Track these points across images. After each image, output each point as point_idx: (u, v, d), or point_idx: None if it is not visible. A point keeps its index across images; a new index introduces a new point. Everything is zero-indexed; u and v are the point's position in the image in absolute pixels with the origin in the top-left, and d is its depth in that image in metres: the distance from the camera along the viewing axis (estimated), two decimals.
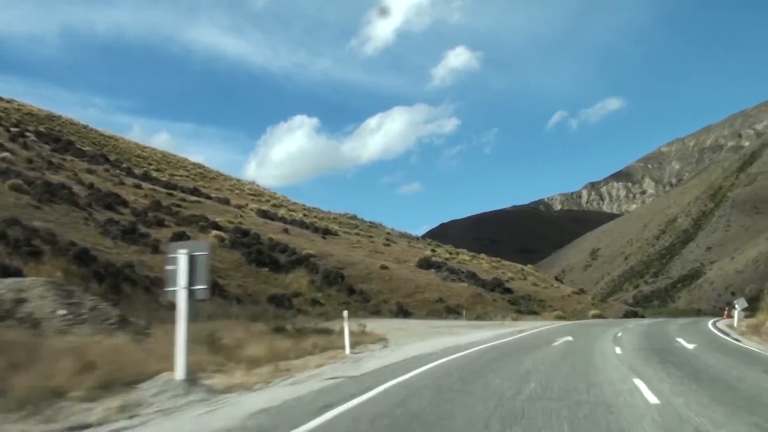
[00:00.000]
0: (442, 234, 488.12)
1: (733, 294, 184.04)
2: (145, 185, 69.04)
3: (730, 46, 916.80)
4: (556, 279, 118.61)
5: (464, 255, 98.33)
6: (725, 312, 54.27)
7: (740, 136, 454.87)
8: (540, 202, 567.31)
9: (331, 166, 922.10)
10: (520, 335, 28.27)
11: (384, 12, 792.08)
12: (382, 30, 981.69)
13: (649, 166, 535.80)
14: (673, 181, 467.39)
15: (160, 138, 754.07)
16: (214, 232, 53.71)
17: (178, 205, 63.39)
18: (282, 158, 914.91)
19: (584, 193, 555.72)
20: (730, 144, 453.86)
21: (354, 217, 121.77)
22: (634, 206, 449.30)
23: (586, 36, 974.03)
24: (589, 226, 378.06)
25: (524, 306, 69.36)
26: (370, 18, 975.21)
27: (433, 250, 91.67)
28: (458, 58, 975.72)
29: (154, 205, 56.31)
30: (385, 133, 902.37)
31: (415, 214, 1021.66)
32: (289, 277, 53.42)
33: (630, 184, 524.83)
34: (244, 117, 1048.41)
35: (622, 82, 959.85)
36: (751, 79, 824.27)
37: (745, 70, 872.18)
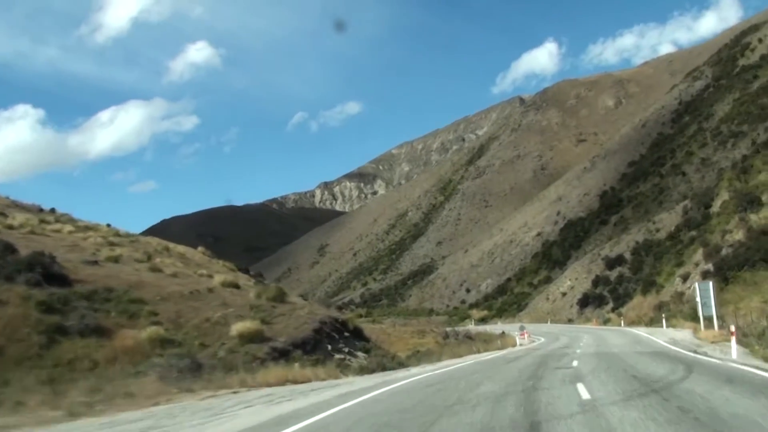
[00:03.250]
0: (162, 230, 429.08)
1: (468, 291, 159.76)
2: None
3: (453, 57, 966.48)
4: (252, 274, 76.12)
5: (71, 226, 52.59)
6: None
7: (464, 140, 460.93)
8: (274, 200, 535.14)
9: (57, 161, 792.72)
10: None
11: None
12: (115, 17, 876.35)
13: (381, 167, 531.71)
14: (403, 181, 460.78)
15: None
16: None
17: None
18: None
19: (318, 192, 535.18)
20: (455, 147, 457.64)
21: None
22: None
23: (326, 41, 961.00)
24: (320, 223, 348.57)
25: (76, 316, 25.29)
26: (101, 4, 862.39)
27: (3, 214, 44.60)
28: (200, 53, 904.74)
29: None
30: (117, 128, 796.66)
31: (148, 214, 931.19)
32: None
33: (362, 185, 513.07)
34: None
35: (361, 87, 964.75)
36: (473, 88, 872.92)
37: (467, 80, 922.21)
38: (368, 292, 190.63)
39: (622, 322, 55.25)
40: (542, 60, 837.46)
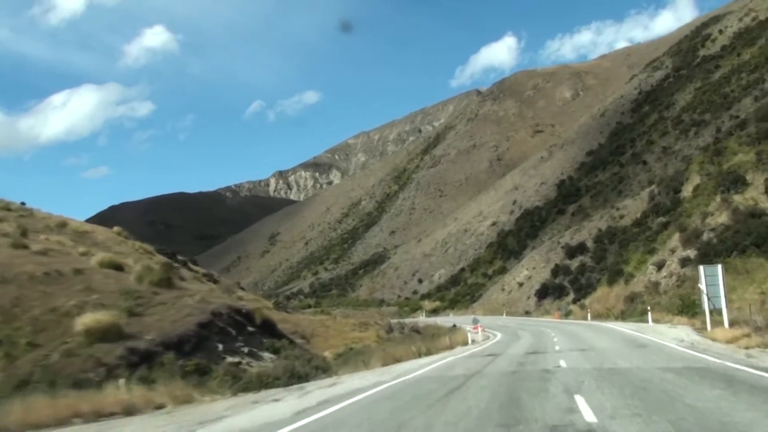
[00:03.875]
0: (111, 217, 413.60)
1: (420, 281, 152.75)
2: None
3: (413, 49, 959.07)
4: (181, 260, 67.33)
5: None
6: None
7: (420, 131, 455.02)
8: (228, 188, 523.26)
9: (6, 145, 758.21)
10: None
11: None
12: None
13: (337, 157, 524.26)
14: (358, 172, 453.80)
15: None
16: None
17: None
18: None
19: (272, 181, 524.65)
20: (411, 139, 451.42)
21: None
22: None
23: (285, 29, 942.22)
24: (274, 212, 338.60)
25: None
26: None
27: None
28: (156, 37, 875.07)
29: None
30: (71, 112, 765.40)
31: (102, 201, 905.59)
32: None
33: (317, 174, 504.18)
34: None
35: (320, 77, 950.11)
36: (431, 81, 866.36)
37: (426, 72, 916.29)
38: (318, 281, 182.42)
39: (589, 316, 48.65)
40: (501, 54, 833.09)
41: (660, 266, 44.63)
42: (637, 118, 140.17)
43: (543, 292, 71.19)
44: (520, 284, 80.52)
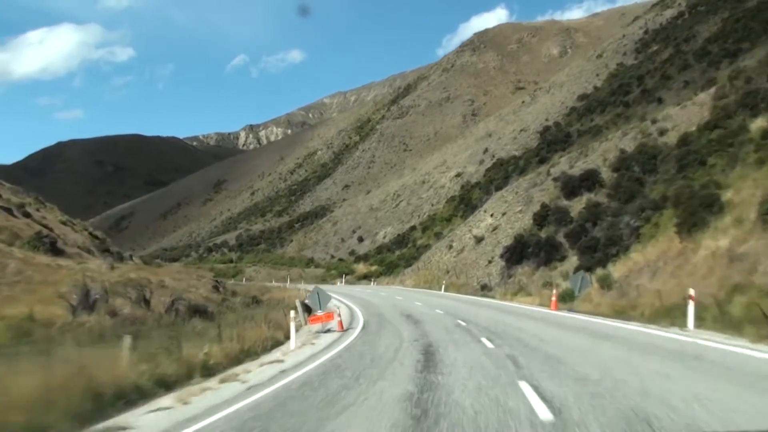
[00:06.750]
0: (57, 154, 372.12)
1: (361, 240, 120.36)
2: None
3: (402, 14, 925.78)
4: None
5: None
6: None
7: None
8: (195, 138, 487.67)
9: None
10: None
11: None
12: None
13: (311, 115, 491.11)
14: (320, 124, 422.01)
15: None
16: None
17: None
18: None
19: (242, 134, 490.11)
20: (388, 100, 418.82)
21: None
22: None
23: None
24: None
25: None
26: None
27: None
28: None
29: None
30: (47, 50, 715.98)
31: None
32: None
33: (289, 131, 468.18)
34: None
35: (306, 36, 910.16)
36: (418, 47, 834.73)
37: (414, 37, 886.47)
38: (247, 233, 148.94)
39: (691, 324, 15.49)
40: (491, 25, 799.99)
41: None
42: (644, 57, 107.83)
43: (517, 253, 38.85)
44: (479, 239, 47.83)
